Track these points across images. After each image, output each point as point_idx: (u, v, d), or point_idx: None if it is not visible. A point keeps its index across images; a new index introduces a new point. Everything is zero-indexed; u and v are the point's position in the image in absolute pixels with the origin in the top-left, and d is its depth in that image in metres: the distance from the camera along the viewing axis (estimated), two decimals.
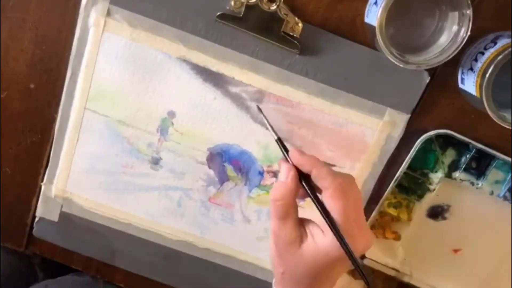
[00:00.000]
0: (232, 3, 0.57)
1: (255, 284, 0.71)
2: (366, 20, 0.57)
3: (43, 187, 0.67)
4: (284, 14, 0.57)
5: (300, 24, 0.58)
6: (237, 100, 0.62)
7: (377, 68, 0.60)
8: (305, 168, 0.51)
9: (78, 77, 0.61)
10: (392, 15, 0.51)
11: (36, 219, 0.69)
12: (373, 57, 0.59)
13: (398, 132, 0.63)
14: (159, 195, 0.66)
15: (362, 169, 0.64)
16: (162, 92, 0.62)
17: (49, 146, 0.65)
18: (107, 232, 0.68)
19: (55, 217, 0.68)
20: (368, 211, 0.67)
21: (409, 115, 0.62)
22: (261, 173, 0.65)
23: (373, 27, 0.52)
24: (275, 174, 0.65)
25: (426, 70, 0.60)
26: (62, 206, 0.68)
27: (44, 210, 0.68)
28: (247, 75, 0.61)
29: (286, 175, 0.51)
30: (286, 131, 0.63)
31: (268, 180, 0.66)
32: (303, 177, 0.52)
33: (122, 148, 0.64)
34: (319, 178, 0.50)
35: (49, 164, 0.66)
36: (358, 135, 0.63)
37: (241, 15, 0.57)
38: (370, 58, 0.59)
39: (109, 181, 0.66)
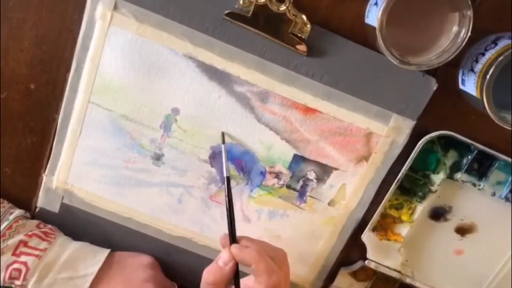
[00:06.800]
0: (241, 1, 0.56)
1: None
2: (367, 21, 0.56)
3: (44, 178, 0.67)
4: (293, 15, 0.56)
5: (308, 26, 0.57)
6: (242, 99, 0.61)
7: (384, 73, 0.59)
8: (245, 262, 0.55)
9: (83, 70, 0.61)
10: (392, 16, 0.51)
11: (37, 210, 0.69)
12: (380, 62, 0.58)
13: (403, 138, 0.62)
14: (160, 191, 0.66)
15: (365, 174, 0.64)
16: (166, 89, 0.61)
17: (50, 146, 0.65)
18: (107, 225, 0.69)
19: (55, 209, 0.68)
20: (369, 212, 0.67)
21: (414, 122, 0.61)
22: (263, 173, 0.65)
23: (374, 28, 0.52)
24: (277, 175, 0.65)
25: (427, 71, 0.59)
26: (63, 198, 0.68)
27: (45, 201, 0.68)
28: (253, 75, 0.60)
29: (225, 263, 0.56)
30: (289, 132, 0.63)
31: (270, 180, 0.65)
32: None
33: (125, 143, 0.64)
34: (256, 273, 0.54)
35: (51, 155, 0.65)
36: (362, 139, 0.63)
37: (249, 15, 0.57)
38: (377, 63, 0.59)
39: (110, 175, 0.66)
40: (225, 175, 0.61)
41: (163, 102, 0.62)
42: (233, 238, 0.58)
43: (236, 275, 0.57)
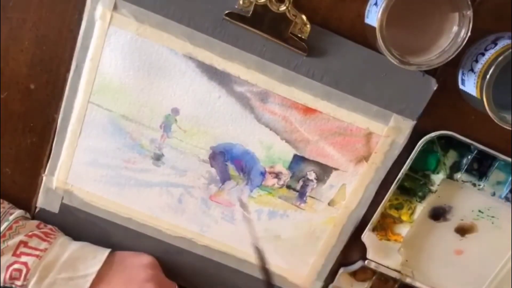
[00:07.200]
0: (241, 2, 0.56)
1: (253, 282, 0.72)
2: (366, 21, 0.56)
3: (44, 178, 0.67)
4: (293, 15, 0.56)
5: (308, 26, 0.57)
6: (242, 99, 0.61)
7: (384, 73, 0.59)
8: None
9: (83, 70, 0.61)
10: (392, 16, 0.51)
11: (37, 210, 0.69)
12: (380, 62, 0.58)
13: (403, 138, 0.62)
14: (160, 191, 0.66)
15: (365, 174, 0.64)
16: (166, 89, 0.61)
17: (49, 146, 0.65)
18: (107, 225, 0.69)
19: (55, 209, 0.68)
20: (369, 212, 0.67)
21: (414, 122, 0.61)
22: (263, 174, 0.65)
23: (374, 28, 0.52)
24: (277, 175, 0.65)
25: (427, 71, 0.59)
26: (63, 198, 0.68)
27: (45, 201, 0.68)
28: (253, 75, 0.60)
29: None
30: (289, 132, 0.63)
31: (270, 180, 0.65)
32: None
33: (125, 143, 0.64)
34: None
35: (51, 155, 0.65)
36: (362, 139, 0.63)
37: (249, 15, 0.57)
38: (377, 63, 0.59)
39: (110, 175, 0.66)
40: None
41: (163, 102, 0.62)
42: None
43: None
